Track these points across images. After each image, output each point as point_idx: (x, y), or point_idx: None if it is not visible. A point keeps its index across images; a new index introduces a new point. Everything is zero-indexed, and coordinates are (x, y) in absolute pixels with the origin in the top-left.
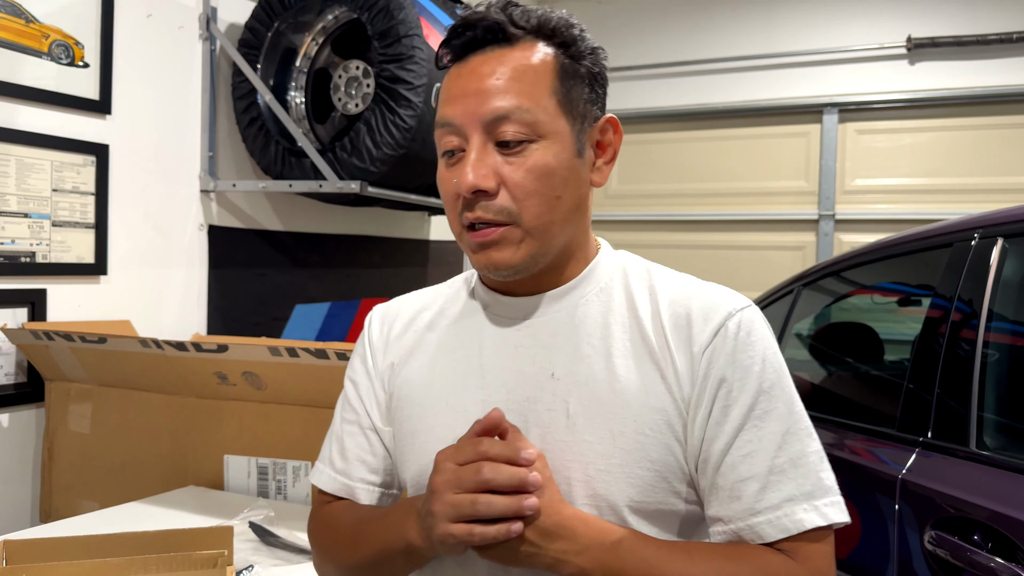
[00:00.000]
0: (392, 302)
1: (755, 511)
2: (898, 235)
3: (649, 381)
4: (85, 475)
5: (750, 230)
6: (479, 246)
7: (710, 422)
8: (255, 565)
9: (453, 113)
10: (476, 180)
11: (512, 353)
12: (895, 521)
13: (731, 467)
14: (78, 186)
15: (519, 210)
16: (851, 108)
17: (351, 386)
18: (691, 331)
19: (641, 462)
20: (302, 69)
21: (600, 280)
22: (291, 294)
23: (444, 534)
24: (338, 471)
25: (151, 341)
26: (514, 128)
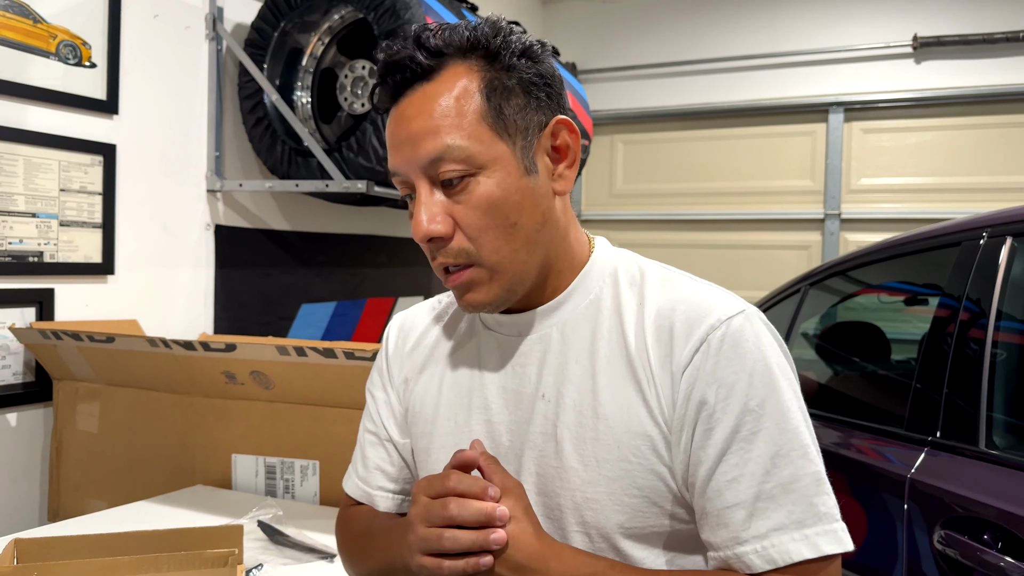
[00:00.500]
0: (410, 312)
1: (741, 540)
2: (905, 234)
3: (631, 404)
4: (93, 474)
5: (756, 229)
6: (455, 289)
7: (693, 446)
8: (264, 564)
9: (396, 162)
10: (428, 229)
11: (510, 372)
12: (904, 521)
13: (717, 493)
14: (85, 186)
15: (477, 249)
16: (857, 107)
17: (370, 398)
18: (672, 347)
19: (628, 489)
20: (308, 69)
21: (590, 291)
22: (297, 293)
23: (418, 566)
24: (360, 478)
25: (159, 340)
26: (450, 167)
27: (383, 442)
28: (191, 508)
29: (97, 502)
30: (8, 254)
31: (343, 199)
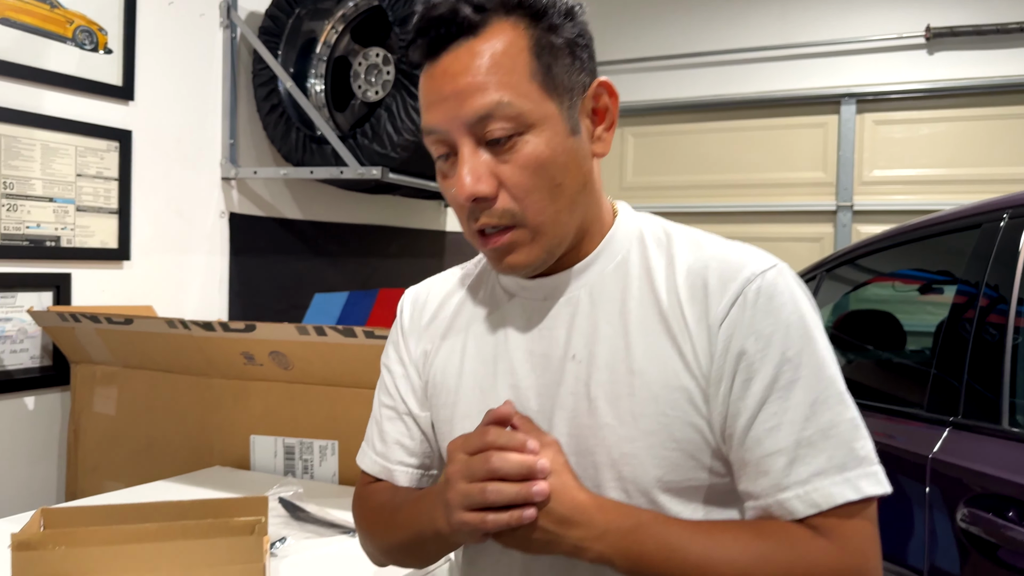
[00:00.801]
0: (423, 285)
1: (783, 486)
2: (924, 218)
3: (667, 359)
4: (111, 456)
5: (767, 221)
6: (493, 252)
7: (732, 397)
8: (288, 537)
9: (436, 120)
10: (473, 188)
11: (536, 336)
12: (926, 499)
13: (756, 442)
14: (102, 171)
15: (521, 210)
16: (869, 98)
17: (386, 372)
18: (708, 302)
19: (665, 443)
20: (322, 57)
21: (617, 252)
22: (310, 282)
23: (459, 522)
24: (378, 454)
25: (178, 322)
26: (500, 125)
27: (401, 416)
28: (210, 487)
29: (114, 484)
30: (26, 238)
31: (357, 186)
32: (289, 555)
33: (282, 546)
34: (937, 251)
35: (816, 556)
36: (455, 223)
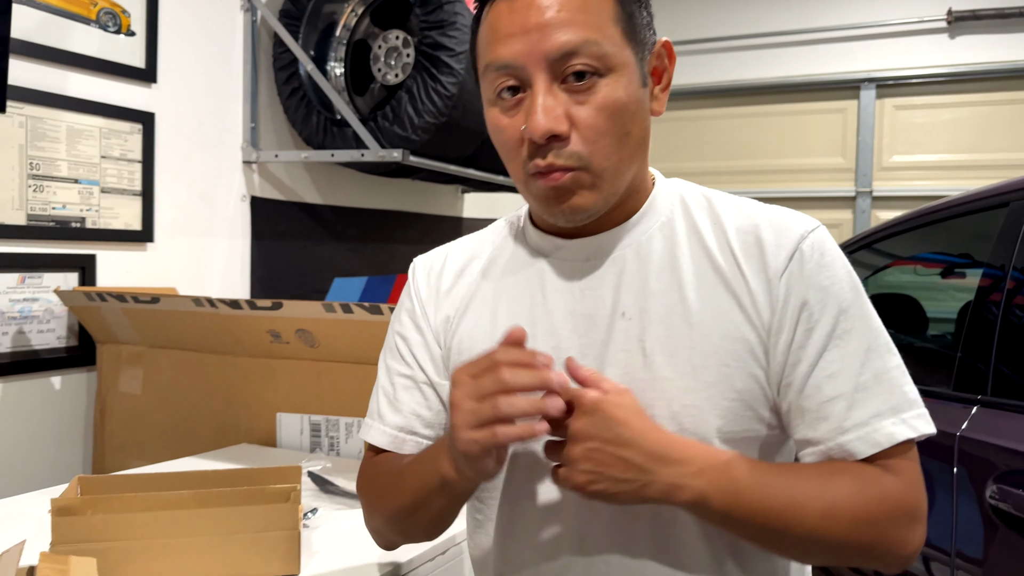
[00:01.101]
0: (434, 253)
1: (844, 429)
2: (948, 198)
3: (726, 311)
4: (137, 435)
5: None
6: (552, 191)
7: (793, 347)
8: (319, 508)
9: (511, 52)
10: (550, 124)
11: (579, 296)
12: (953, 483)
13: (816, 388)
14: (125, 153)
15: (589, 153)
16: (889, 83)
17: (400, 341)
18: (764, 256)
19: (726, 393)
20: (341, 40)
21: (661, 213)
22: (330, 267)
23: (468, 442)
24: (391, 425)
25: (204, 300)
26: (583, 63)
27: (419, 385)
28: (236, 463)
29: (141, 463)
30: (52, 219)
31: (378, 169)
32: (320, 526)
33: (314, 517)
34: (958, 233)
35: (887, 490)
36: (472, 210)
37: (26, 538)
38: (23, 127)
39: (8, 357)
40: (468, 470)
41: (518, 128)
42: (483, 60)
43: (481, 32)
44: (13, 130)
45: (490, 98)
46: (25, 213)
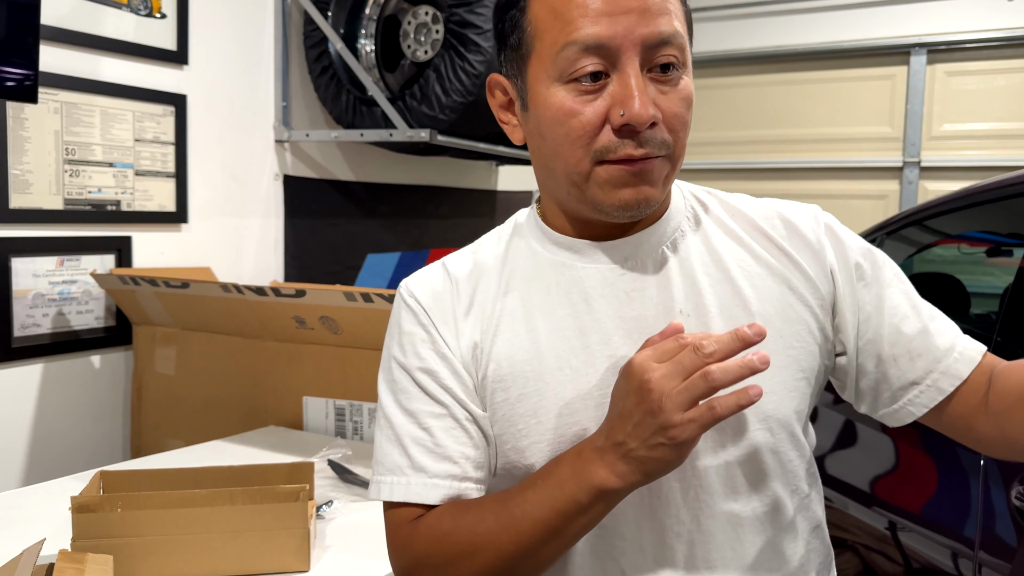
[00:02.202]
0: (428, 275)
1: (939, 357)
2: (989, 180)
3: (781, 295)
4: (171, 414)
5: (831, 178)
6: (633, 177)
7: (861, 306)
8: (335, 500)
9: (608, 31)
10: (649, 111)
11: (625, 300)
12: (980, 476)
13: (897, 333)
14: (158, 136)
15: (673, 142)
16: (941, 48)
17: (425, 377)
18: (803, 234)
19: (795, 374)
20: (372, 17)
21: (684, 209)
22: (362, 243)
23: (683, 425)
24: (439, 476)
25: (232, 286)
26: (673, 54)
27: (462, 423)
28: (264, 447)
29: (175, 441)
30: (88, 203)
31: (407, 148)
32: (336, 517)
33: (329, 509)
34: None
35: None
36: (506, 182)
37: (46, 536)
38: (58, 113)
39: (49, 338)
40: (654, 467)
41: (599, 113)
42: (555, 35)
43: (545, 5)
44: (48, 116)
45: (559, 78)
46: (62, 198)
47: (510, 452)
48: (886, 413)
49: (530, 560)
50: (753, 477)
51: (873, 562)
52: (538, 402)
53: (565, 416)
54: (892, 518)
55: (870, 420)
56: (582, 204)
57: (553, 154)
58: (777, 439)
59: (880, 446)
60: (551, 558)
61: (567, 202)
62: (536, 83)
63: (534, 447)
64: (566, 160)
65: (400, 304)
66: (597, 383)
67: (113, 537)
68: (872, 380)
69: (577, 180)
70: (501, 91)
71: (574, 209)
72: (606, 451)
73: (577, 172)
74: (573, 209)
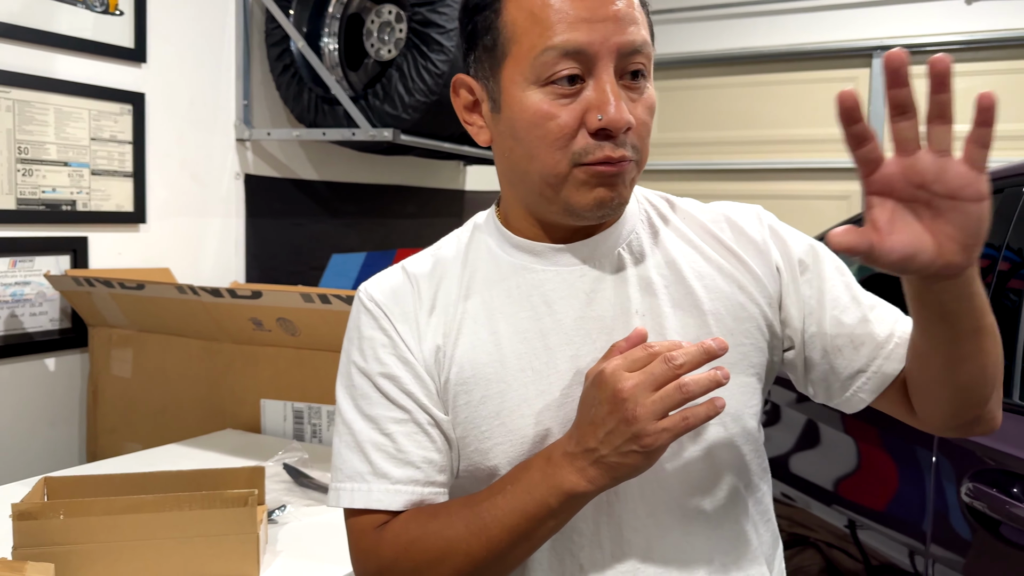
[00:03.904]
0: (387, 279)
1: (881, 343)
2: None
3: (731, 294)
4: (128, 418)
5: (795, 179)
6: (609, 179)
7: (804, 300)
8: (288, 505)
9: (586, 38)
10: (628, 116)
11: (585, 301)
12: (932, 473)
13: (838, 325)
14: (116, 135)
15: (641, 148)
16: None
17: (386, 382)
18: (749, 234)
19: (746, 370)
20: (335, 15)
21: (637, 212)
22: (327, 243)
23: (657, 434)
24: (402, 481)
25: (187, 287)
26: (642, 63)
27: (424, 428)
28: (220, 451)
29: (132, 444)
30: (42, 203)
31: (370, 148)
32: (289, 522)
33: (282, 513)
34: None
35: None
36: (474, 182)
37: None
38: (10, 111)
39: (1, 341)
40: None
41: (576, 117)
42: (533, 39)
43: (523, 9)
44: (0, 115)
45: (535, 82)
46: (15, 197)
47: (473, 454)
48: (840, 402)
49: (499, 563)
50: (708, 471)
51: (835, 559)
52: (500, 404)
53: (528, 417)
54: (851, 516)
55: (831, 420)
56: (554, 206)
57: (528, 156)
58: (731, 434)
59: (840, 445)
60: (519, 560)
61: (537, 204)
62: (511, 85)
63: (497, 449)
64: (543, 162)
65: (359, 308)
66: (559, 384)
67: (56, 545)
68: (821, 372)
69: (553, 182)
70: (467, 91)
71: (542, 211)
72: (577, 456)
73: (554, 174)
74: (541, 211)
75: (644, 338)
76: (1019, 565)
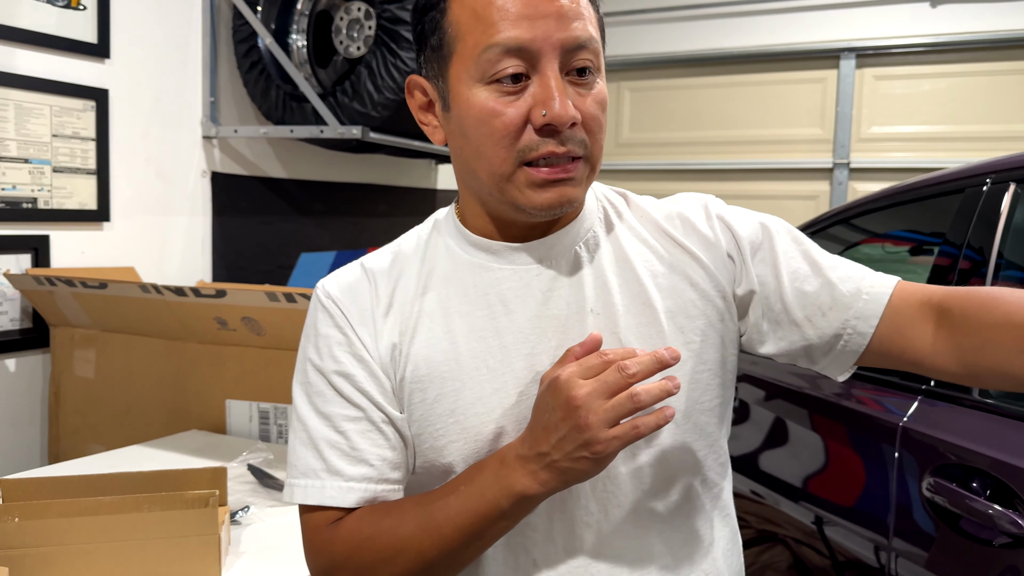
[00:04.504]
0: (346, 275)
1: (849, 304)
2: (908, 182)
3: (683, 292)
4: (91, 419)
5: (764, 179)
6: (551, 182)
7: (763, 282)
8: (251, 506)
9: (527, 36)
10: (573, 112)
11: (541, 300)
12: (895, 468)
13: (802, 295)
14: (78, 131)
15: (591, 143)
16: (869, 53)
17: (341, 380)
18: (699, 230)
19: (698, 366)
20: (304, 12)
21: (596, 210)
22: (296, 242)
23: (608, 441)
24: (355, 479)
25: (151, 287)
26: (588, 59)
27: (379, 426)
28: (184, 452)
29: (96, 446)
30: (2, 200)
31: (339, 145)
32: (253, 523)
33: (245, 514)
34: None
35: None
36: (447, 181)
37: None
38: None
39: None
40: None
41: (521, 114)
42: (476, 37)
43: (466, 7)
44: None
45: (480, 79)
46: None
47: (428, 451)
48: (829, 369)
49: (451, 562)
50: (659, 467)
51: (803, 555)
52: (455, 402)
53: (482, 415)
54: (818, 512)
55: (799, 417)
56: (503, 204)
57: (476, 154)
58: (683, 430)
59: (808, 442)
60: (471, 559)
61: (489, 202)
62: (458, 84)
63: (451, 446)
64: (490, 160)
65: (316, 305)
66: (514, 382)
67: (10, 548)
68: (800, 346)
69: (499, 180)
70: (421, 92)
71: (496, 209)
72: (529, 460)
73: (500, 172)
74: (495, 209)
75: (599, 344)
76: (978, 558)
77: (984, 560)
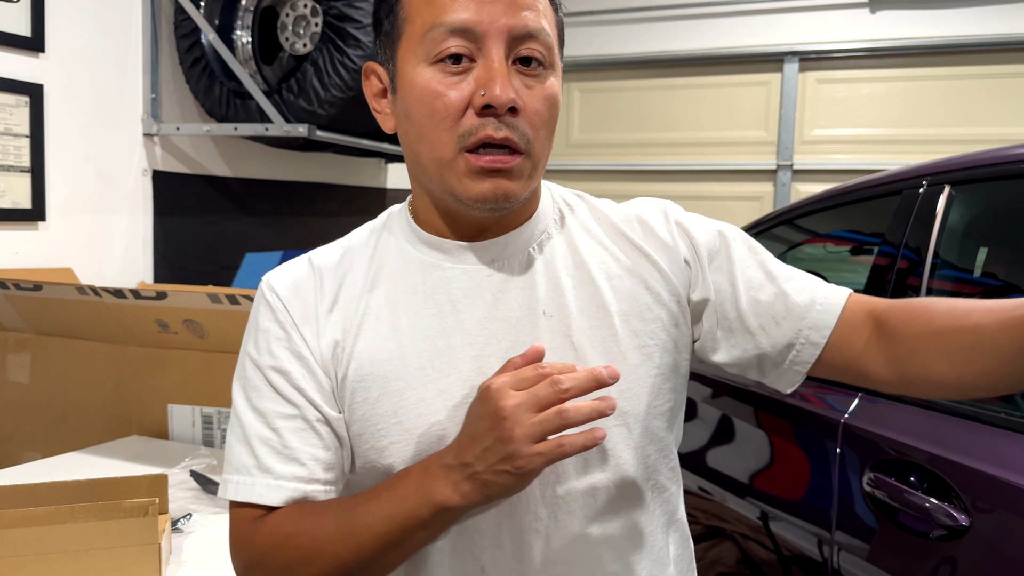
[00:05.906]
0: (290, 270)
1: (802, 314)
2: (849, 183)
3: (637, 295)
4: (26, 426)
5: (709, 180)
6: (488, 172)
7: (718, 289)
8: (193, 513)
9: (474, 17)
10: (511, 96)
11: (491, 301)
12: (837, 464)
13: (756, 304)
14: (11, 127)
15: (533, 139)
16: (812, 57)
17: (277, 376)
18: (657, 233)
19: (650, 370)
20: (248, 7)
21: (551, 211)
22: (241, 242)
23: (531, 457)
24: (285, 477)
25: (88, 288)
26: (537, 50)
27: (313, 425)
28: (124, 458)
29: (31, 453)
30: None
31: (285, 144)
32: (195, 531)
33: (187, 522)
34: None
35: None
36: (396, 180)
37: None
38: None
39: None
40: (496, 491)
41: (464, 96)
42: (424, 18)
43: None
44: None
45: (425, 59)
46: None
47: (369, 452)
48: (778, 381)
49: (367, 569)
50: (610, 473)
51: (750, 550)
52: (398, 402)
53: (426, 417)
54: (764, 508)
55: (745, 414)
56: (445, 194)
57: (418, 136)
58: (634, 435)
59: (753, 439)
60: (389, 568)
61: (435, 191)
62: (404, 64)
63: (393, 447)
64: (431, 143)
65: (260, 299)
66: (459, 384)
67: None
68: (752, 355)
69: (440, 166)
70: (376, 78)
71: (442, 201)
72: (452, 470)
73: (440, 157)
74: (441, 200)
75: (541, 355)
76: (916, 550)
77: (922, 552)
